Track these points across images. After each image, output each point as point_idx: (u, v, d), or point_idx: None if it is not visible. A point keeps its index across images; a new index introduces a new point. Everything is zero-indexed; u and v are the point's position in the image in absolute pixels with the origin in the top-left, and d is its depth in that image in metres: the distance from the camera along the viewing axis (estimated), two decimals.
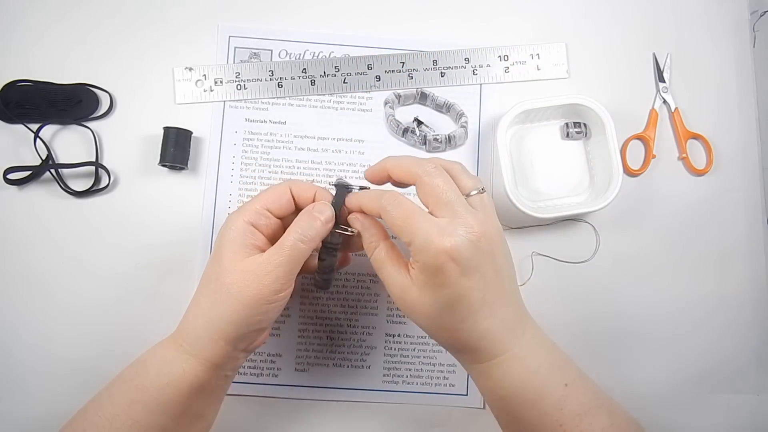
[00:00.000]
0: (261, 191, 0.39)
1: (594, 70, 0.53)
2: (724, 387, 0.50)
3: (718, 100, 0.53)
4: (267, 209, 0.38)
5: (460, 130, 0.51)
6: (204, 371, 0.36)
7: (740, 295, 0.50)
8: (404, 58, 0.52)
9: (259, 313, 0.35)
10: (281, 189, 0.38)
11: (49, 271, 0.47)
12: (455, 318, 0.34)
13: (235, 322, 0.35)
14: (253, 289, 0.35)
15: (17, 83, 0.49)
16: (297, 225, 0.36)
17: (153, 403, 0.35)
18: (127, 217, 0.48)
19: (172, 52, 0.51)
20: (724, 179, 0.52)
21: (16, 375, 0.46)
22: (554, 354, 0.37)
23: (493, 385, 0.36)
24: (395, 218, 0.34)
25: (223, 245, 0.36)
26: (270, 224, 0.38)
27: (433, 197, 0.34)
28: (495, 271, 0.34)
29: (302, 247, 0.36)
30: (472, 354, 0.36)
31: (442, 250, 0.32)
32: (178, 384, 0.35)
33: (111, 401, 0.36)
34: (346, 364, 0.48)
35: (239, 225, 0.36)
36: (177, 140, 0.48)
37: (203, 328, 0.36)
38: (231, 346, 0.36)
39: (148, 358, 0.37)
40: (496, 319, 0.34)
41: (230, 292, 0.35)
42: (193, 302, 0.37)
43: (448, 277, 0.32)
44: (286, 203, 0.38)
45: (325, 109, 0.51)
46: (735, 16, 0.54)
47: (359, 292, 0.49)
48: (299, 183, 0.39)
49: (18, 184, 0.48)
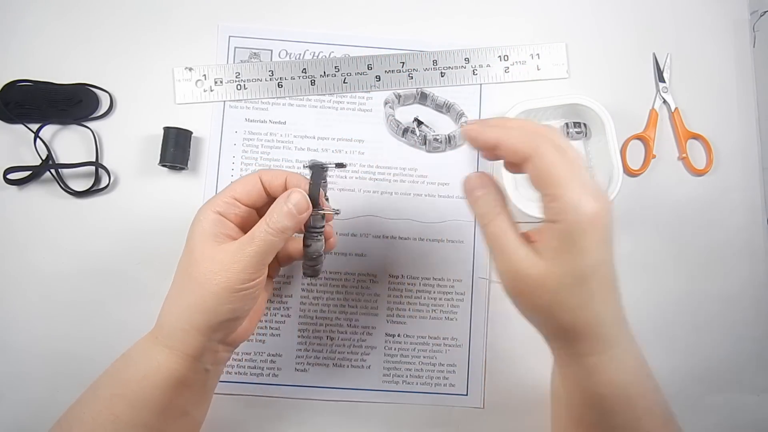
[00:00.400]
0: (231, 182, 0.39)
1: (594, 70, 0.53)
2: (724, 387, 0.50)
3: (718, 100, 0.53)
4: (235, 198, 0.37)
5: (460, 130, 0.51)
6: (180, 363, 0.36)
7: (740, 294, 0.50)
8: (404, 58, 0.52)
9: (229, 302, 0.35)
10: (250, 178, 0.38)
11: (49, 271, 0.47)
12: (586, 294, 0.31)
13: (204, 311, 0.35)
14: (222, 278, 0.34)
15: (17, 83, 0.49)
16: (268, 215, 0.35)
17: (133, 398, 0.35)
18: (127, 217, 0.48)
19: (172, 52, 0.51)
20: (724, 179, 0.52)
21: (16, 374, 0.46)
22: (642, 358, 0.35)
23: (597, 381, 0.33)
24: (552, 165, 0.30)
25: (193, 236, 0.36)
26: (240, 213, 0.37)
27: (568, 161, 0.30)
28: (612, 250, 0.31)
29: (272, 238, 0.35)
30: (588, 342, 0.32)
31: (594, 211, 0.29)
32: (156, 377, 0.35)
33: (95, 396, 0.36)
34: (346, 364, 0.48)
35: (208, 215, 0.36)
36: (177, 140, 0.48)
37: (176, 318, 0.36)
38: (204, 336, 0.36)
39: (130, 352, 0.37)
40: (616, 305, 0.32)
41: (199, 282, 0.34)
42: (167, 295, 0.37)
43: (591, 243, 0.29)
44: (256, 193, 0.38)
45: (325, 109, 0.51)
46: (735, 16, 0.54)
47: (359, 292, 0.49)
48: (268, 171, 0.38)
49: (18, 184, 0.48)
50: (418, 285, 0.49)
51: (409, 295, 0.49)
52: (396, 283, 0.49)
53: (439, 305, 0.49)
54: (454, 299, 0.49)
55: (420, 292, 0.49)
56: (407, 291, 0.49)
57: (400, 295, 0.49)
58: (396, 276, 0.49)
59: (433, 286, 0.49)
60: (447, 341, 0.49)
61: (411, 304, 0.49)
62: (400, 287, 0.49)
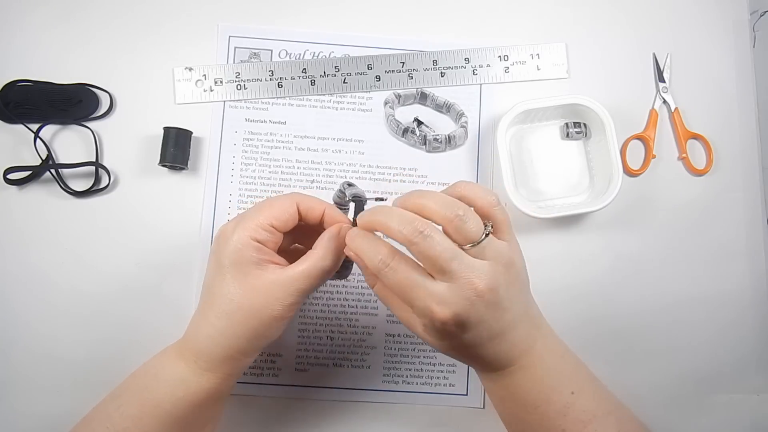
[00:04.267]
0: (263, 202, 0.37)
1: (594, 70, 0.53)
2: (724, 387, 0.50)
3: (718, 100, 0.53)
4: (272, 225, 0.36)
5: (460, 130, 0.51)
6: (221, 383, 0.37)
7: (740, 295, 0.50)
8: (404, 58, 0.52)
9: (277, 328, 0.36)
10: (286, 204, 0.36)
11: (49, 271, 0.47)
12: (465, 352, 0.35)
13: (253, 338, 0.36)
14: (274, 311, 0.35)
15: (17, 83, 0.49)
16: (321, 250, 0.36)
17: (165, 416, 0.36)
18: (127, 217, 0.48)
19: (172, 52, 0.51)
20: (724, 179, 0.52)
21: (16, 375, 0.46)
22: (564, 361, 0.37)
23: (499, 388, 0.37)
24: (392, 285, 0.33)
25: (232, 265, 0.35)
26: (277, 240, 0.37)
27: (429, 262, 0.31)
28: (504, 309, 0.33)
29: (324, 274, 0.36)
30: (482, 367, 0.37)
31: (442, 320, 0.31)
32: (193, 397, 0.36)
33: (120, 413, 0.36)
34: (346, 364, 0.48)
35: (245, 242, 0.35)
36: (177, 140, 0.48)
37: (221, 346, 0.36)
38: (249, 358, 0.38)
39: (158, 372, 0.37)
40: (506, 344, 0.34)
41: (249, 313, 0.35)
42: (202, 320, 0.37)
43: (453, 336, 0.33)
44: (291, 220, 0.37)
45: (325, 109, 0.51)
46: (735, 16, 0.54)
47: (359, 292, 0.49)
48: (306, 198, 0.37)
49: (18, 184, 0.48)
50: None
51: None
52: None
53: None
54: None
55: None
56: None
57: None
58: None
59: None
60: None
61: None
62: None
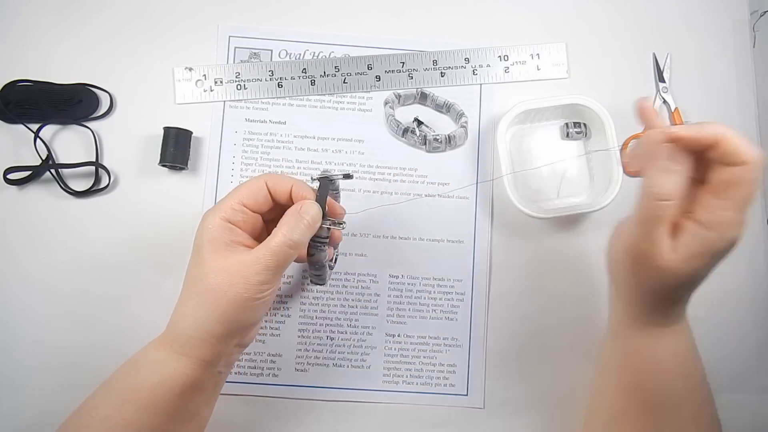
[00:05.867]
0: (236, 186, 0.38)
1: (594, 70, 0.53)
2: (724, 387, 0.49)
3: (718, 100, 0.53)
4: (243, 204, 0.37)
5: (460, 130, 0.51)
6: (196, 369, 0.36)
7: (740, 294, 0.50)
8: (404, 58, 0.52)
9: (247, 310, 0.35)
10: (257, 183, 0.38)
11: (49, 271, 0.47)
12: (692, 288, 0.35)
13: (223, 321, 0.35)
14: (240, 289, 0.34)
15: (17, 83, 0.49)
16: (283, 226, 0.35)
17: (145, 403, 0.35)
18: (127, 217, 0.48)
19: (172, 52, 0.51)
20: None
21: (16, 374, 0.46)
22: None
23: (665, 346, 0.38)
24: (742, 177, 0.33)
25: (203, 245, 0.36)
26: (247, 219, 0.37)
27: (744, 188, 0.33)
28: None
29: (289, 251, 0.35)
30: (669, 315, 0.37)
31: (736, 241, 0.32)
32: (170, 383, 0.35)
33: (103, 401, 0.36)
34: (346, 364, 0.48)
35: (217, 223, 0.36)
36: (177, 140, 0.48)
37: (192, 328, 0.36)
38: (222, 343, 0.36)
39: (140, 358, 0.37)
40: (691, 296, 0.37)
41: (216, 292, 0.35)
42: (179, 303, 0.37)
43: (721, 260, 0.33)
44: (263, 198, 0.38)
45: (325, 109, 0.51)
46: (735, 16, 0.54)
47: (359, 292, 0.49)
48: (274, 176, 0.38)
49: (18, 184, 0.48)
50: (418, 285, 0.49)
51: (409, 295, 0.49)
52: (396, 283, 0.49)
53: (439, 305, 0.49)
54: (454, 299, 0.49)
55: (420, 292, 0.49)
56: (407, 291, 0.49)
57: (400, 295, 0.49)
58: (396, 276, 0.49)
59: (433, 286, 0.49)
60: (447, 341, 0.49)
61: (411, 304, 0.49)
62: (400, 287, 0.49)
